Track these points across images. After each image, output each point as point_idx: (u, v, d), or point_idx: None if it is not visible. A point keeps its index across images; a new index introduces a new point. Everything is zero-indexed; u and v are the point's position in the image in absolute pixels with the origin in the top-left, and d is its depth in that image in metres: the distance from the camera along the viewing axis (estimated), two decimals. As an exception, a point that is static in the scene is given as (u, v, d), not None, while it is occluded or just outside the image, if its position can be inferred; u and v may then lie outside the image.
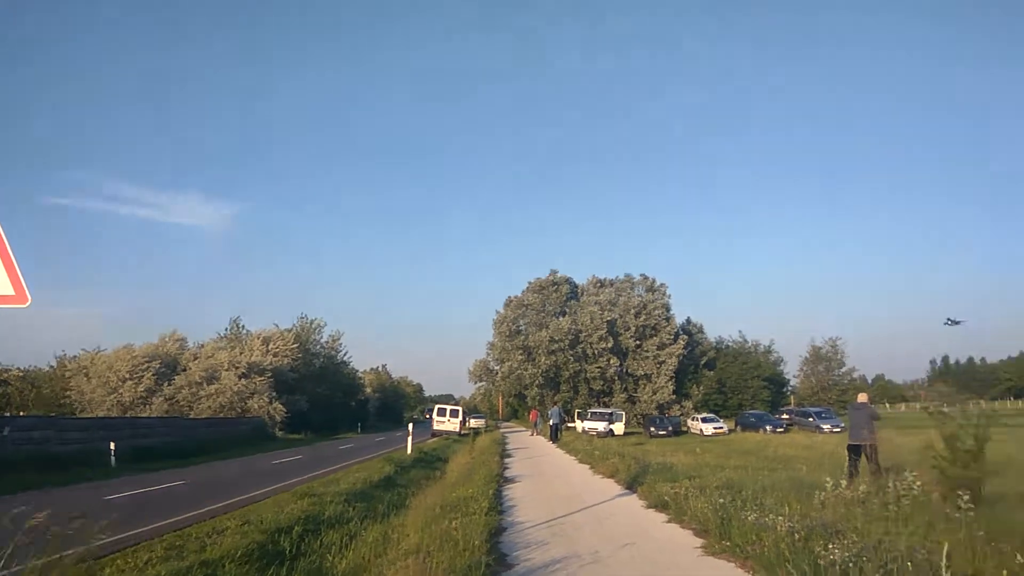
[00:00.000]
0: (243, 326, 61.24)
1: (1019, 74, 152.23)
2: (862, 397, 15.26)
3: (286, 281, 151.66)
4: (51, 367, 52.52)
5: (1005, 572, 5.44)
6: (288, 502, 13.31)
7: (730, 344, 74.70)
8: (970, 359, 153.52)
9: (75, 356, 51.42)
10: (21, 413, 41.81)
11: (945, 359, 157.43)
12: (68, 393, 46.99)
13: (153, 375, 46.93)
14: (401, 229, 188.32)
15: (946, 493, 9.31)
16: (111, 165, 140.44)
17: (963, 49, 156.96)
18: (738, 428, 52.03)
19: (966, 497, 8.39)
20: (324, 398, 62.70)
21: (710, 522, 9.38)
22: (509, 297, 69.23)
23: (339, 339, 70.31)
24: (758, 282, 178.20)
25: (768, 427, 48.13)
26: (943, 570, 5.30)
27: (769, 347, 75.73)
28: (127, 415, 42.00)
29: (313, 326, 67.18)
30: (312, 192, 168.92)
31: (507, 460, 25.55)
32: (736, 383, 67.85)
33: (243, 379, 48.79)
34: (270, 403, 49.39)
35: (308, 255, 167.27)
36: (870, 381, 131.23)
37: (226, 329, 60.93)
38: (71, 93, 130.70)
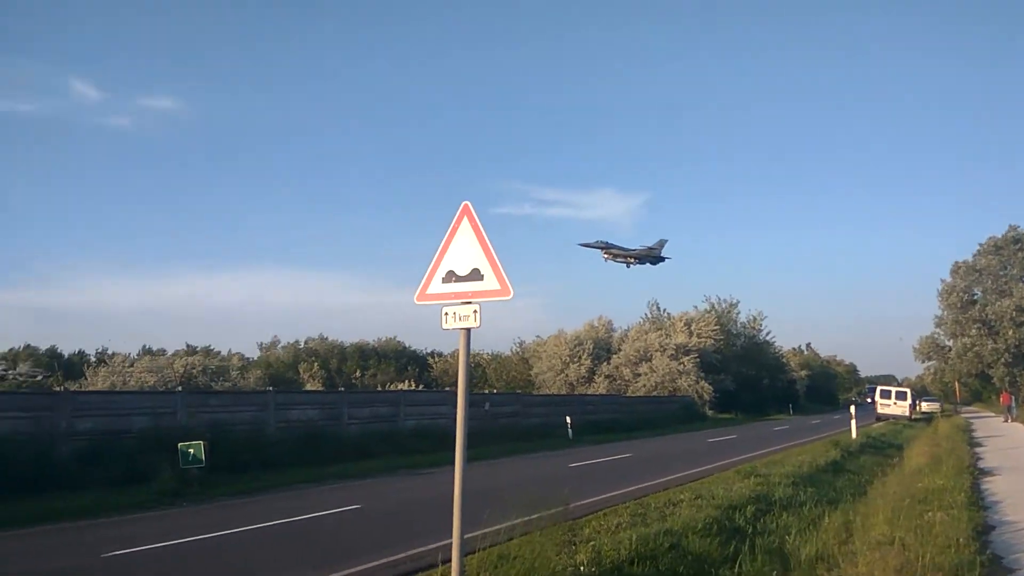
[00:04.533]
0: (664, 309, 63.68)
1: None
2: None
3: (694, 263, 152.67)
4: (512, 351, 61.53)
5: None
6: (733, 480, 13.40)
7: None
8: None
9: (524, 341, 59.62)
10: (494, 391, 49.84)
11: None
12: (528, 373, 54.56)
13: (589, 357, 51.82)
14: (811, 197, 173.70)
15: None
16: (536, 175, 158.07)
17: None
18: None
19: None
20: (750, 379, 61.83)
21: None
22: (956, 263, 59.26)
23: (760, 319, 68.75)
24: None
25: None
26: None
27: None
28: (575, 392, 47.02)
29: (730, 307, 66.73)
30: (715, 178, 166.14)
31: (977, 449, 22.05)
32: None
33: (672, 360, 50.82)
34: (698, 382, 50.57)
35: (717, 236, 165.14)
36: None
37: (646, 313, 64.02)
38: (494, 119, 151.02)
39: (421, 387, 50.56)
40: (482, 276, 6.22)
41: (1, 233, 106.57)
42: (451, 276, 6.34)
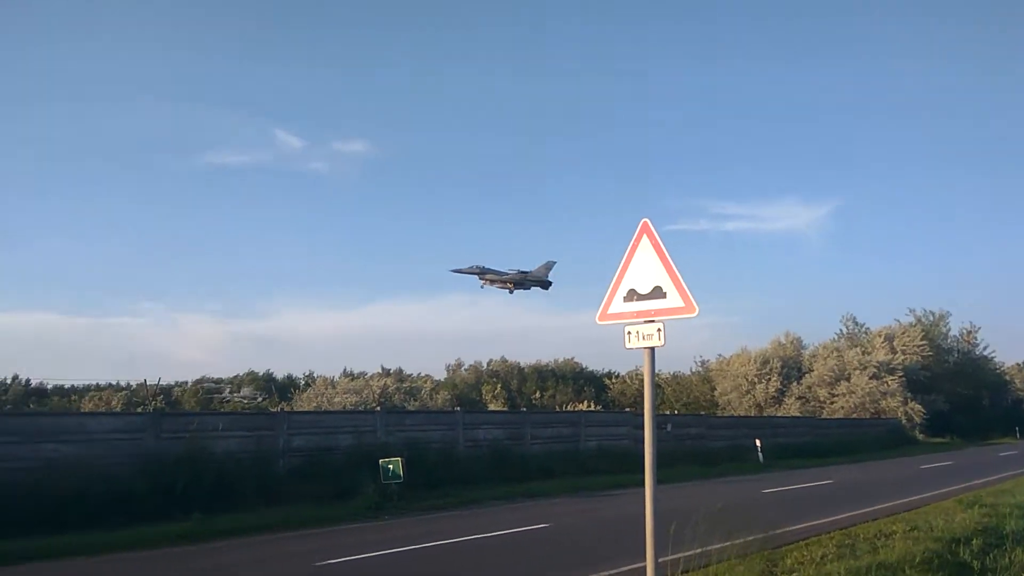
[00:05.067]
0: (862, 323, 58.80)
1: None
2: None
3: (893, 273, 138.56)
4: (693, 371, 59.64)
5: None
6: (954, 511, 12.12)
7: None
8: None
9: (706, 360, 57.48)
10: (674, 412, 48.54)
11: None
12: (711, 394, 52.59)
13: (778, 376, 48.97)
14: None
15: None
16: (713, 188, 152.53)
17: None
18: None
19: None
20: (966, 398, 55.46)
21: None
22: None
23: (975, 332, 61.40)
24: None
25: None
26: None
27: None
28: (763, 414, 44.68)
29: (938, 319, 60.19)
30: (914, 179, 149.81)
31: None
32: None
33: (873, 379, 46.87)
34: (906, 403, 46.18)
35: (921, 243, 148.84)
36: None
37: (840, 328, 59.36)
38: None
39: (599, 407, 50.41)
40: (664, 294, 6.13)
41: (226, 273, 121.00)
42: (632, 295, 6.31)
